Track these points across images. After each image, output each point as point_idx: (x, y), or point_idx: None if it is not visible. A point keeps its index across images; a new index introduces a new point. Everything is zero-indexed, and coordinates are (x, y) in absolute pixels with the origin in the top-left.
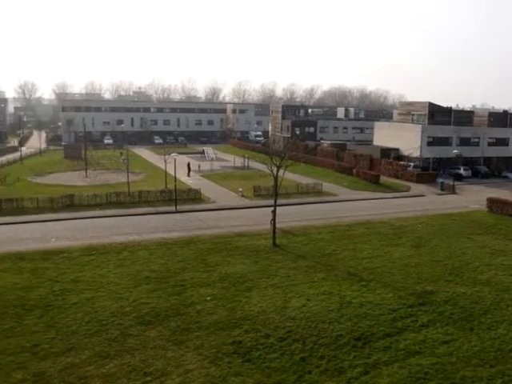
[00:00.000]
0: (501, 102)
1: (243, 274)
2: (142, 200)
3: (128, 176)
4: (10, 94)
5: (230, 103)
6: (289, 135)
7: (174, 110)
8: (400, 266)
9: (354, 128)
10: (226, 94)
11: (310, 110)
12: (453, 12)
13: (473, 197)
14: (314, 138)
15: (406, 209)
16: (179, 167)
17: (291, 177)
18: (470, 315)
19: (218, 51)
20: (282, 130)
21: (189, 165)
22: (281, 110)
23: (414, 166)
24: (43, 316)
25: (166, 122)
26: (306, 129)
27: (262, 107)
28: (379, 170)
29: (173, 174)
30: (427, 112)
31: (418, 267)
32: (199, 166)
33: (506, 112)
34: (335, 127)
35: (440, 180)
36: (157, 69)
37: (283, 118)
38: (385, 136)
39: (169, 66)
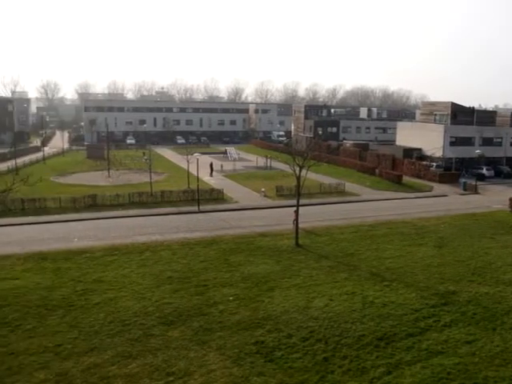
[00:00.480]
0: None
1: (266, 273)
2: (165, 200)
3: (150, 176)
4: (32, 94)
5: (252, 103)
6: (311, 135)
7: (196, 110)
8: (422, 266)
9: (376, 128)
10: (249, 94)
11: (332, 110)
12: (475, 11)
13: (495, 197)
14: (336, 137)
15: (429, 209)
16: (202, 167)
17: (314, 177)
18: (492, 315)
19: (241, 51)
20: (304, 129)
21: (211, 165)
22: (303, 109)
23: (437, 166)
24: (66, 316)
25: (189, 122)
26: (329, 129)
27: (285, 107)
28: (402, 169)
29: (195, 173)
30: (450, 112)
31: (440, 267)
32: (222, 166)
33: None
34: (358, 127)
35: (462, 180)
36: (179, 69)
37: (306, 117)
38: (407, 136)
39: (191, 66)
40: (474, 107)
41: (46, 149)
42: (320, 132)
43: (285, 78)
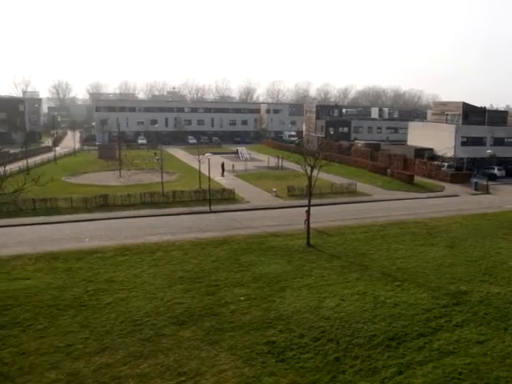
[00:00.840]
0: None
1: (277, 273)
2: (176, 200)
3: (162, 176)
4: (44, 94)
5: (263, 103)
6: (323, 135)
7: (208, 110)
8: (434, 266)
9: (388, 128)
10: (260, 93)
11: (344, 110)
12: (486, 11)
13: (507, 197)
14: (348, 138)
15: (440, 209)
16: (213, 167)
17: (325, 177)
18: (504, 315)
19: (252, 51)
20: (315, 129)
21: (223, 165)
22: (315, 109)
23: (448, 166)
24: (77, 316)
25: (200, 122)
26: (340, 129)
27: (296, 107)
28: (413, 169)
29: (207, 173)
30: (461, 112)
31: (452, 267)
32: (233, 166)
33: None
34: (369, 127)
35: (474, 180)
36: (191, 69)
37: (317, 117)
38: (419, 136)
39: (203, 66)
40: (485, 107)
41: (57, 149)
42: (331, 132)
43: (296, 78)
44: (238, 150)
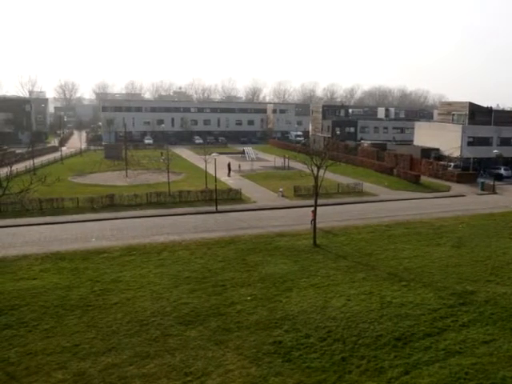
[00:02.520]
0: None
1: (283, 273)
2: (183, 200)
3: (168, 176)
4: (50, 94)
5: (270, 103)
6: (329, 135)
7: (214, 110)
8: (440, 266)
9: (394, 128)
10: (267, 93)
11: (350, 110)
12: (493, 11)
13: None
14: (354, 138)
15: (447, 209)
16: (219, 167)
17: (331, 177)
18: (510, 315)
19: (259, 51)
20: (322, 129)
21: (229, 165)
22: (321, 109)
23: (455, 166)
24: (83, 316)
25: (207, 122)
26: (347, 129)
27: (303, 107)
28: (419, 169)
29: (213, 174)
30: (467, 112)
31: (458, 267)
32: (239, 166)
33: None
34: (375, 127)
35: (480, 180)
36: (197, 69)
37: (324, 117)
38: (425, 136)
39: (209, 66)
40: (491, 107)
41: (63, 149)
42: (338, 132)
43: (302, 78)
44: (244, 150)
